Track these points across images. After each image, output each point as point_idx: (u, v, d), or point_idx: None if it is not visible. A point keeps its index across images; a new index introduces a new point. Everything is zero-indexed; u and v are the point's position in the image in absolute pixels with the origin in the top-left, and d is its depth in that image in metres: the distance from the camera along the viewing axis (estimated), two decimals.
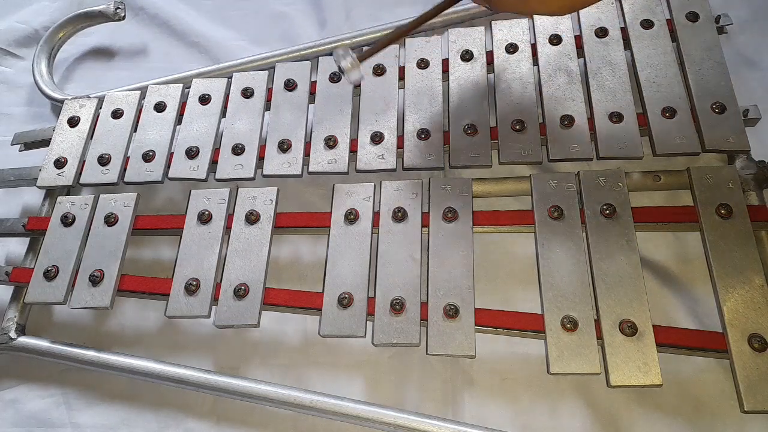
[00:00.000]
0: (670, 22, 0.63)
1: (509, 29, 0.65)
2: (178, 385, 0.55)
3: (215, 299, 0.55)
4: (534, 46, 0.64)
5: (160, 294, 0.56)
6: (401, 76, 0.65)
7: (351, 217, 0.56)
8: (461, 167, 0.59)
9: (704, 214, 0.53)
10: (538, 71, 0.62)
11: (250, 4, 0.82)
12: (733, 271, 0.50)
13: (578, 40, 0.64)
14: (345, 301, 0.52)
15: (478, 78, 0.63)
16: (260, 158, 0.62)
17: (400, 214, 0.56)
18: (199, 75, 0.71)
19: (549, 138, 0.58)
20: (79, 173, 0.64)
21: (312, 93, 0.65)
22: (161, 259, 0.64)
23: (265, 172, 0.61)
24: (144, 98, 0.68)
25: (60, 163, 0.64)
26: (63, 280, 0.57)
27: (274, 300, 0.54)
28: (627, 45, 0.63)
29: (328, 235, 0.56)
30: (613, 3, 0.65)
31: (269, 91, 0.66)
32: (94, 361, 0.56)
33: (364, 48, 0.54)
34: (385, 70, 0.65)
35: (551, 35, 0.64)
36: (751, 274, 0.50)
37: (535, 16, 0.65)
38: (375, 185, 0.58)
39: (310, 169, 0.60)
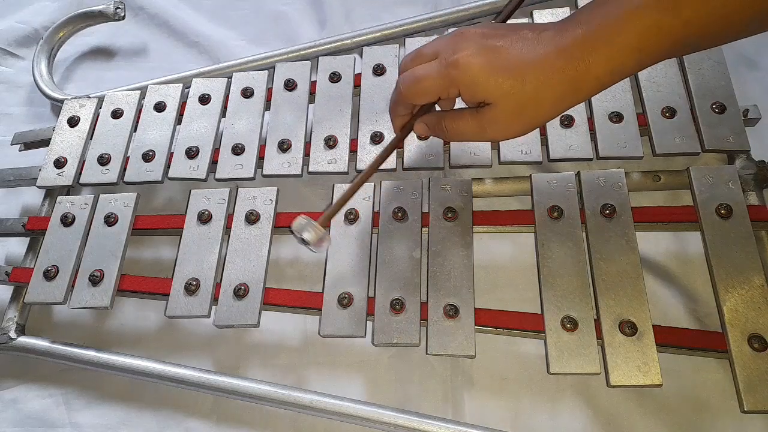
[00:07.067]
0: None
1: None
2: (178, 385, 0.55)
3: (215, 299, 0.55)
4: None
5: (160, 294, 0.56)
6: None
7: (351, 217, 0.56)
8: (461, 167, 0.59)
9: (704, 214, 0.53)
10: None
11: (250, 4, 0.82)
12: (733, 271, 0.50)
13: None
14: (345, 301, 0.52)
15: None
16: (260, 158, 0.62)
17: (400, 214, 0.56)
18: (199, 75, 0.71)
19: (549, 138, 0.58)
20: (78, 173, 0.64)
21: (312, 93, 0.65)
22: (161, 259, 0.64)
23: (265, 172, 0.61)
24: (144, 98, 0.68)
25: (60, 163, 0.64)
26: (63, 280, 0.57)
27: (274, 300, 0.54)
28: None
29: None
30: None
31: (269, 91, 0.66)
32: (94, 361, 0.56)
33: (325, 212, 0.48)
34: (385, 70, 0.65)
35: None
36: (751, 274, 0.50)
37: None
38: (375, 185, 0.58)
39: (310, 169, 0.60)
